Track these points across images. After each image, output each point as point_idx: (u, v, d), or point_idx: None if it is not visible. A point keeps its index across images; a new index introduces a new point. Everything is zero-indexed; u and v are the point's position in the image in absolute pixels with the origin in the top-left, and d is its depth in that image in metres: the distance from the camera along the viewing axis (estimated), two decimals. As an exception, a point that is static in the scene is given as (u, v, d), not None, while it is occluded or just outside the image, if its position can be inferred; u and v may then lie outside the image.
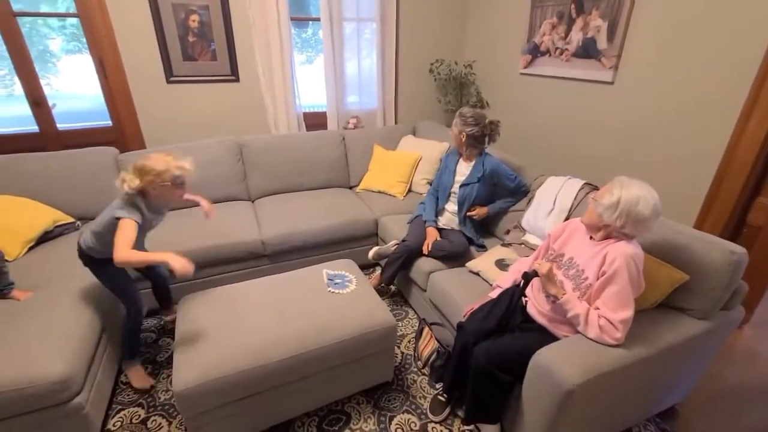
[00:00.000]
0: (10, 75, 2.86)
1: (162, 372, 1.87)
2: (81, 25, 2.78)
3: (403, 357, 1.98)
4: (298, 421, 1.63)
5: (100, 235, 1.53)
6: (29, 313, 1.57)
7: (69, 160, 2.39)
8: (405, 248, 2.17)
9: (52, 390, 1.35)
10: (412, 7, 3.53)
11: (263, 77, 3.23)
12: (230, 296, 1.69)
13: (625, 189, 1.28)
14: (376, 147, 3.01)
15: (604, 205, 1.29)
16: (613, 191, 1.29)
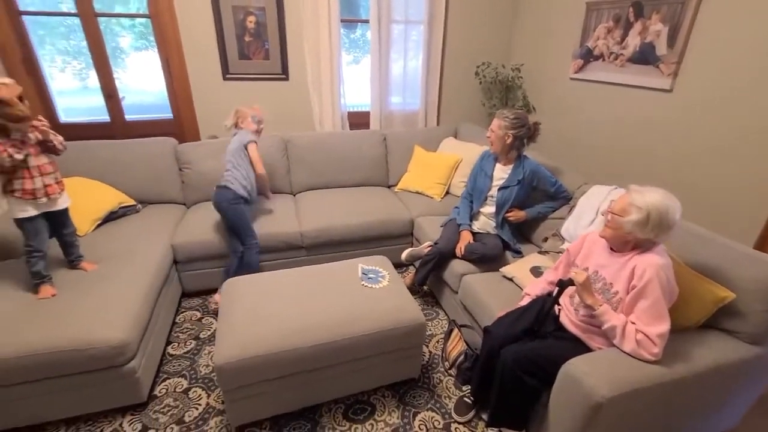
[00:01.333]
0: (86, 69, 3.17)
1: (204, 348, 2.01)
2: (152, 26, 3.03)
3: (431, 356, 1.99)
4: (325, 407, 1.70)
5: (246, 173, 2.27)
6: (94, 283, 1.76)
7: (134, 148, 2.62)
8: (436, 251, 2.19)
9: (110, 354, 1.50)
10: (460, 10, 3.52)
11: (311, 76, 3.36)
12: (270, 282, 1.79)
13: (648, 200, 1.24)
14: (417, 148, 3.04)
15: (633, 222, 1.25)
16: (636, 205, 1.25)
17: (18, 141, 1.53)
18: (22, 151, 1.53)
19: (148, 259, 2.00)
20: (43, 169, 1.62)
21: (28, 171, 1.57)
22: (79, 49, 3.09)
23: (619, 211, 1.30)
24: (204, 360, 1.94)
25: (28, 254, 1.65)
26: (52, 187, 1.65)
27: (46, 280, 1.69)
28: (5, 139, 1.50)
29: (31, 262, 1.65)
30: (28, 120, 1.53)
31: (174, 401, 1.71)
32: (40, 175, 1.60)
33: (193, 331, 2.13)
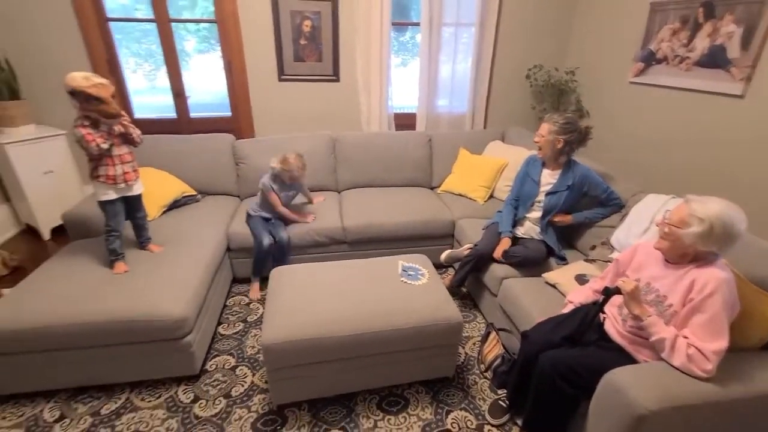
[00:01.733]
0: (154, 71, 3.48)
1: (250, 331, 2.15)
2: (217, 31, 3.27)
3: (467, 358, 1.99)
4: (360, 396, 1.76)
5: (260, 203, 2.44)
6: (160, 263, 1.94)
7: (197, 143, 2.84)
8: (475, 252, 2.18)
9: (172, 327, 1.65)
10: (513, 13, 3.48)
11: (361, 78, 3.46)
12: (314, 273, 1.88)
13: (710, 211, 1.16)
14: (462, 150, 3.04)
15: (695, 234, 1.18)
16: (697, 216, 1.18)
17: (105, 132, 1.73)
18: (108, 141, 1.73)
19: (205, 244, 2.17)
20: (123, 158, 1.82)
21: (111, 159, 1.78)
22: (150, 52, 3.41)
23: (677, 222, 1.24)
24: (250, 341, 2.07)
25: (107, 233, 1.86)
26: (129, 174, 1.85)
27: (120, 258, 1.89)
28: (95, 130, 1.70)
29: (109, 240, 1.85)
30: (119, 116, 1.73)
31: (222, 377, 1.85)
32: (120, 163, 1.80)
33: (241, 315, 2.28)
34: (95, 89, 1.64)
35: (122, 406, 1.69)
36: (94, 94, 1.63)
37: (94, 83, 1.64)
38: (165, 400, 1.73)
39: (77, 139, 1.68)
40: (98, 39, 3.10)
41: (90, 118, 1.69)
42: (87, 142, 1.67)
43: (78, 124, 1.68)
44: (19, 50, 2.98)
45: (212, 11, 3.25)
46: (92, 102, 1.65)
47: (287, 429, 1.60)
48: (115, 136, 1.77)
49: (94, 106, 1.66)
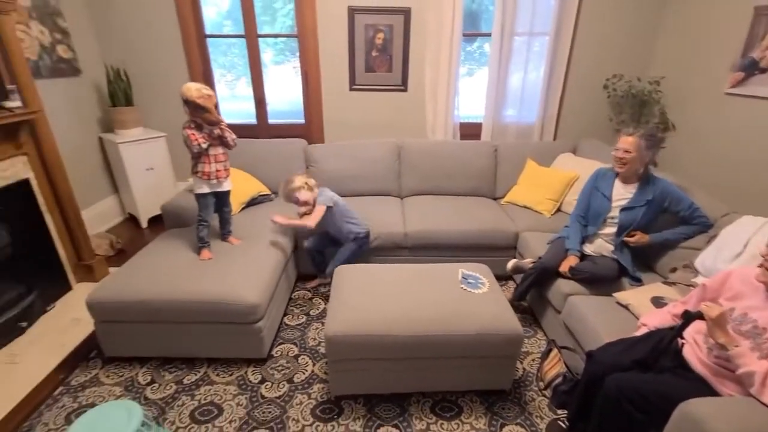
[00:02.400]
0: (234, 81, 3.84)
1: (312, 324, 2.27)
2: (297, 45, 3.53)
3: (525, 373, 1.94)
4: (414, 397, 1.79)
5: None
6: (238, 254, 2.14)
7: (273, 147, 3.08)
8: (539, 266, 2.12)
9: (246, 311, 1.82)
10: (592, 20, 3.34)
11: (428, 88, 3.53)
12: (376, 273, 1.96)
13: None
14: (529, 161, 2.96)
15: None
16: None
17: (206, 134, 1.99)
18: (207, 142, 1.99)
19: (277, 240, 2.35)
20: (218, 157, 2.07)
21: (208, 157, 2.03)
22: (232, 63, 3.78)
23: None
24: (312, 334, 2.19)
25: (198, 222, 2.10)
26: (221, 172, 2.09)
27: (206, 245, 2.13)
28: (198, 132, 1.97)
29: (199, 228, 2.10)
30: (218, 123, 2.01)
31: (286, 363, 1.99)
32: (215, 162, 2.06)
33: (304, 308, 2.42)
34: (202, 100, 1.92)
35: (201, 378, 1.89)
36: (201, 104, 1.92)
37: (202, 95, 1.92)
38: (236, 378, 1.90)
39: (184, 138, 1.96)
40: (196, 53, 3.51)
41: (195, 122, 1.97)
42: (190, 141, 1.95)
43: (186, 126, 1.97)
44: (134, 63, 3.47)
45: (290, 25, 3.53)
46: (199, 110, 1.93)
47: (343, 419, 1.68)
48: (213, 138, 2.02)
49: (200, 114, 1.95)
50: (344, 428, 1.64)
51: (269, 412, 1.72)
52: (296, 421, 1.67)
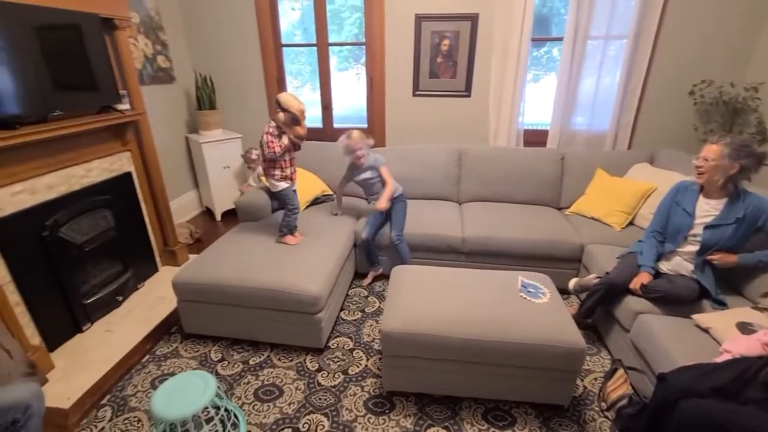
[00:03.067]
0: (300, 87, 4.05)
1: (367, 321, 2.35)
2: (365, 51, 3.67)
3: (585, 391, 1.84)
4: (466, 402, 1.78)
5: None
6: (303, 248, 2.28)
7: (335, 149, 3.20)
8: (606, 281, 2.00)
9: (309, 302, 1.93)
10: (679, 22, 3.09)
11: (493, 94, 3.48)
12: (433, 275, 1.98)
13: None
14: (599, 171, 2.81)
15: None
16: None
17: (283, 144, 2.16)
18: (283, 150, 2.15)
19: (338, 237, 2.46)
20: (292, 161, 2.24)
21: (284, 162, 2.22)
22: (299, 70, 4.00)
23: None
24: (366, 330, 2.26)
25: (290, 212, 2.32)
26: (294, 174, 2.26)
27: (294, 231, 2.37)
28: (278, 139, 2.14)
29: (292, 218, 2.33)
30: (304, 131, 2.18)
31: (342, 355, 2.07)
32: (290, 165, 2.23)
33: (360, 305, 2.51)
34: (301, 114, 2.11)
35: (264, 361, 2.04)
36: (299, 117, 2.10)
37: (302, 109, 2.12)
38: (296, 364, 2.02)
39: (263, 142, 2.14)
40: (272, 61, 3.78)
41: (279, 129, 2.13)
42: (268, 147, 2.13)
43: (268, 131, 2.14)
44: (218, 71, 3.82)
45: (356, 34, 3.68)
46: (293, 121, 2.11)
47: (395, 415, 1.72)
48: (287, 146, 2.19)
49: (291, 125, 2.12)
50: (395, 423, 1.68)
51: (324, 399, 1.81)
52: (349, 411, 1.74)
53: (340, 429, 1.66)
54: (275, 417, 1.72)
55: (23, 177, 1.93)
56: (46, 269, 2.06)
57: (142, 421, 1.70)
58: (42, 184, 2.04)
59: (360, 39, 3.71)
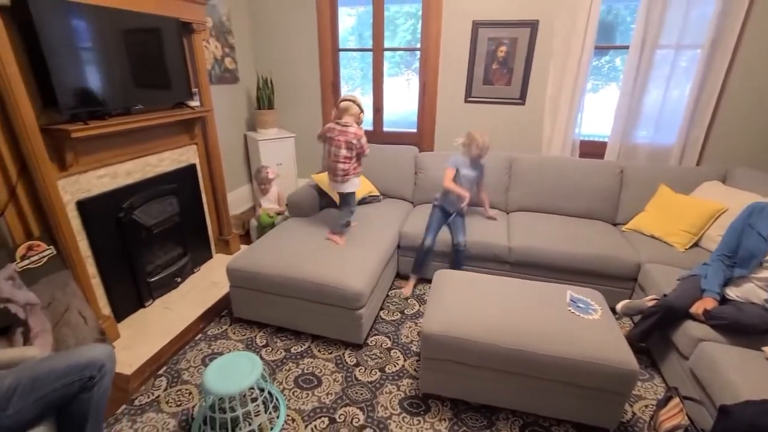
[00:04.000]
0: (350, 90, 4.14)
1: (406, 322, 2.36)
2: (419, 57, 3.72)
3: (634, 418, 1.74)
4: (503, 414, 1.74)
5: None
6: (350, 246, 2.34)
7: (387, 152, 3.28)
8: (665, 304, 1.87)
9: (352, 297, 1.98)
10: (762, 30, 2.84)
11: (549, 103, 3.38)
12: (476, 282, 1.96)
13: None
14: (662, 187, 2.64)
15: None
16: None
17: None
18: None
19: (383, 238, 2.50)
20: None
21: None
22: (351, 75, 4.11)
23: None
24: (405, 331, 2.27)
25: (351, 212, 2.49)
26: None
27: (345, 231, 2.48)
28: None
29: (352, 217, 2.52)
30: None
31: (379, 353, 2.10)
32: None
33: (399, 306, 2.52)
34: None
35: (305, 351, 2.11)
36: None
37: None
38: (334, 357, 2.07)
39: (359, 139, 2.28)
40: (329, 65, 3.92)
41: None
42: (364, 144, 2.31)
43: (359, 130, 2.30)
44: (278, 73, 4.02)
45: (409, 40, 3.73)
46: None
47: (429, 417, 1.72)
48: None
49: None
50: (429, 426, 1.68)
51: (361, 393, 1.84)
52: (385, 408, 1.76)
53: (374, 424, 1.69)
54: (313, 405, 1.78)
55: (107, 163, 2.16)
56: (119, 247, 2.28)
57: (192, 393, 1.83)
58: (122, 170, 2.26)
59: (413, 44, 3.76)
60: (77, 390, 1.25)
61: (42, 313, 1.80)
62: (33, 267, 1.81)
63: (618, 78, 3.22)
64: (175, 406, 1.77)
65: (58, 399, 1.23)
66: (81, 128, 1.82)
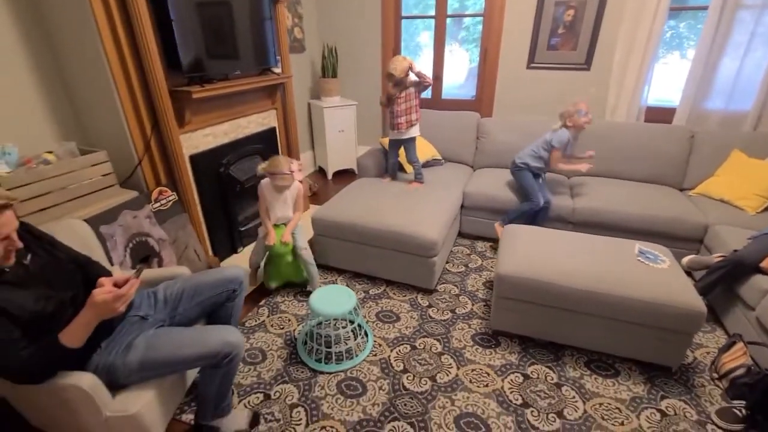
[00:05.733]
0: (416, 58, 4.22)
1: (470, 274, 2.55)
2: (482, 24, 3.74)
3: (695, 361, 1.86)
4: (569, 351, 1.92)
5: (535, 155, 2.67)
6: (422, 201, 2.53)
7: (449, 118, 3.40)
8: (735, 258, 1.94)
9: (426, 246, 2.19)
10: None
11: (616, 68, 3.34)
12: (545, 234, 2.11)
13: None
14: (735, 152, 2.61)
15: None
16: None
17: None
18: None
19: (449, 197, 2.67)
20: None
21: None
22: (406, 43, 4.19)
23: None
24: (471, 281, 2.48)
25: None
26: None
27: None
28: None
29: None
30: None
31: (449, 298, 2.32)
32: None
33: (463, 260, 2.72)
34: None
35: (381, 293, 2.37)
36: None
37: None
38: (408, 299, 2.32)
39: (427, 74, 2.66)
40: (391, 33, 4.02)
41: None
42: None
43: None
44: (342, 42, 4.18)
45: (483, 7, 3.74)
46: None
47: (500, 350, 1.93)
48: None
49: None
50: (501, 356, 1.89)
51: (436, 328, 2.08)
52: (458, 341, 1.99)
53: (451, 352, 1.92)
54: (395, 335, 2.04)
55: (210, 123, 2.45)
56: (219, 198, 2.61)
57: (291, 320, 2.14)
58: (220, 131, 2.56)
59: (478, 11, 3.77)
60: (224, 299, 1.56)
61: (170, 248, 2.16)
62: (162, 209, 2.16)
63: (682, 45, 3.12)
64: (278, 328, 2.09)
65: (211, 305, 1.54)
66: (200, 90, 2.10)
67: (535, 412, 1.61)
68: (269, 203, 2.24)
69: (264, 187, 2.23)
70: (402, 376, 1.79)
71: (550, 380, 1.76)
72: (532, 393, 1.70)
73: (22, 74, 1.83)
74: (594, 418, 1.59)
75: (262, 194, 2.24)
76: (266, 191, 2.23)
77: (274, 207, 2.24)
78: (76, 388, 1.13)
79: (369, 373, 1.80)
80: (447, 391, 1.71)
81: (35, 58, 1.87)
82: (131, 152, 2.04)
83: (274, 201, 2.23)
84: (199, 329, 1.41)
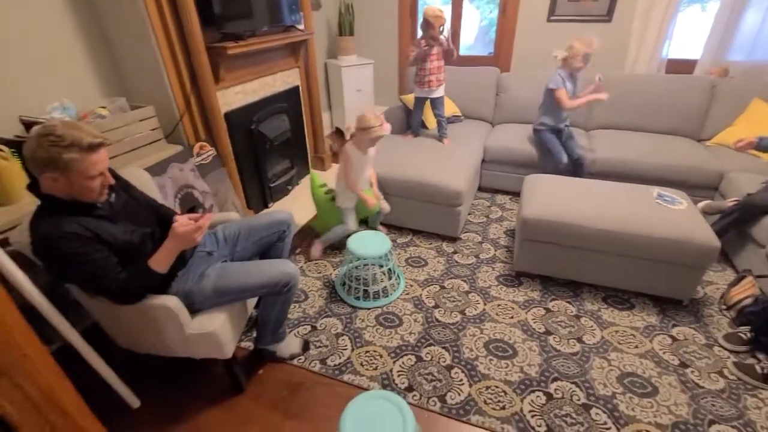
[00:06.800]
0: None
1: (492, 224, 2.69)
2: (502, -26, 3.65)
3: (705, 296, 2.01)
4: (586, 288, 2.08)
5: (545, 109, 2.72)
6: (445, 154, 2.63)
7: (467, 74, 3.41)
8: (748, 201, 2.03)
9: (453, 195, 2.32)
10: None
11: (638, 20, 3.29)
12: (565, 182, 2.21)
13: None
14: (756, 101, 2.64)
15: None
16: None
17: None
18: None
19: (471, 149, 2.77)
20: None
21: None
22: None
23: None
24: (492, 230, 2.61)
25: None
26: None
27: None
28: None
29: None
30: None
31: (473, 245, 2.47)
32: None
33: (484, 212, 2.85)
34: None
35: (408, 242, 2.53)
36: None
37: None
38: (434, 247, 2.47)
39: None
40: (408, -12, 3.95)
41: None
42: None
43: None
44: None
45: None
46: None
47: (523, 288, 2.10)
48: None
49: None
50: (523, 294, 2.06)
51: (462, 271, 2.24)
52: (484, 281, 2.16)
53: (477, 291, 2.09)
54: (425, 277, 2.21)
55: (240, 81, 2.53)
56: (251, 154, 2.73)
57: (327, 266, 2.32)
58: (250, 88, 2.64)
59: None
60: (275, 239, 1.71)
61: (213, 199, 2.31)
62: (204, 163, 2.29)
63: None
64: (316, 273, 2.26)
65: (265, 244, 1.70)
66: (234, 46, 2.17)
67: (557, 338, 1.79)
68: (356, 168, 2.10)
69: (350, 152, 2.08)
70: (434, 311, 1.96)
71: (570, 313, 1.93)
72: (553, 323, 1.87)
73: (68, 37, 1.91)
74: (611, 342, 1.76)
75: (349, 161, 2.08)
76: (353, 156, 2.08)
77: (362, 170, 2.12)
78: (164, 308, 1.31)
79: (404, 309, 1.98)
80: (476, 322, 1.89)
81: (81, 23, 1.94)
82: (173, 108, 2.15)
83: (361, 164, 2.11)
84: (260, 262, 1.57)
